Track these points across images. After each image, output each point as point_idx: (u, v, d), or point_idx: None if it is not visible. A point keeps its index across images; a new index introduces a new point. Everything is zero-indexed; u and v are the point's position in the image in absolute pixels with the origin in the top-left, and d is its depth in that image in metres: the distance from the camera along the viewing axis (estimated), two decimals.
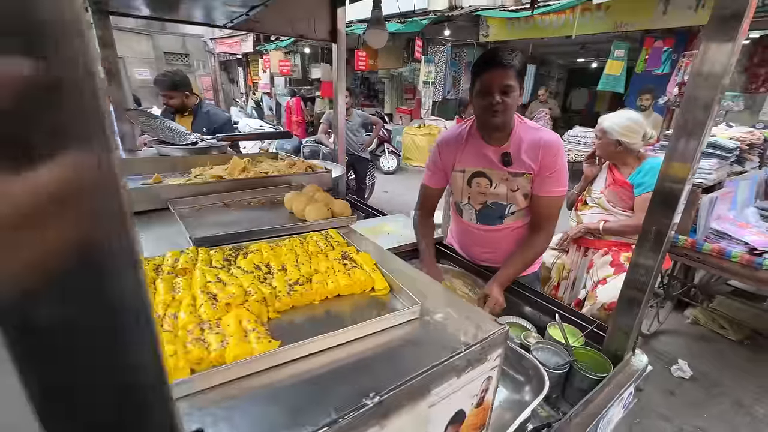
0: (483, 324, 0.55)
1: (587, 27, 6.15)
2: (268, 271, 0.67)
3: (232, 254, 0.73)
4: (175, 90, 2.66)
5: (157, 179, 1.19)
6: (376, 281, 0.65)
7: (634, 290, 1.09)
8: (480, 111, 1.30)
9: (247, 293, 0.57)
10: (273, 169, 1.34)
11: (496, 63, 1.21)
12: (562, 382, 1.15)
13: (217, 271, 0.64)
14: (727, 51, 0.81)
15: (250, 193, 1.17)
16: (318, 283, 0.63)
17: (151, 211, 1.06)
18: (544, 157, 1.32)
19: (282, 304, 0.59)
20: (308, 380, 0.45)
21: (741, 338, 2.94)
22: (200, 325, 0.51)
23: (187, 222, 0.86)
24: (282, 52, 10.55)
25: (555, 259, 2.37)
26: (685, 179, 0.93)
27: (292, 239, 0.80)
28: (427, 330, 0.55)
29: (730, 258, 2.19)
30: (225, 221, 1.01)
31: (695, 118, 0.89)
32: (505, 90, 1.22)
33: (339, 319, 0.58)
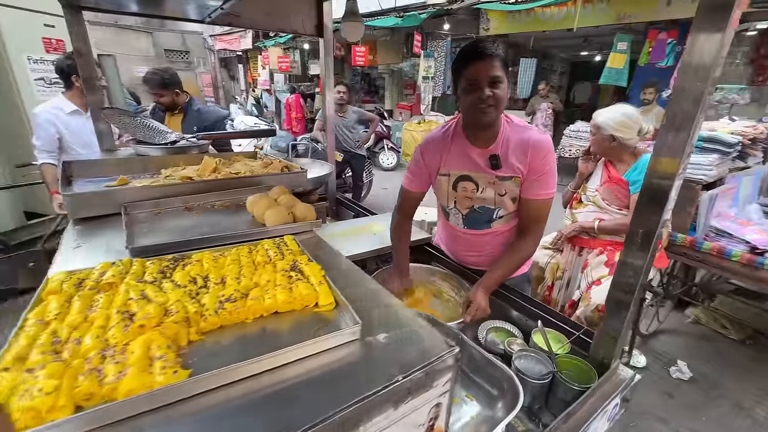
0: (432, 346, 0.50)
1: (589, 19, 6.02)
2: (203, 284, 0.61)
3: (170, 266, 0.67)
4: (165, 88, 2.63)
5: (122, 181, 1.14)
6: (321, 296, 0.60)
7: (622, 293, 1.02)
8: (468, 108, 1.21)
9: (167, 312, 0.52)
10: (246, 170, 1.28)
11: (480, 54, 1.12)
12: (546, 392, 1.10)
13: (145, 286, 0.59)
14: (716, 42, 0.75)
15: (217, 196, 1.11)
16: (253, 300, 0.57)
17: (106, 216, 1.01)
18: (533, 159, 1.24)
19: (208, 325, 0.53)
20: (214, 416, 0.40)
21: (743, 338, 2.87)
22: (103, 351, 0.46)
23: (136, 228, 0.81)
24: (281, 48, 10.48)
25: (549, 258, 2.31)
26: (674, 175, 0.86)
27: (241, 248, 0.74)
28: (367, 354, 0.50)
29: (730, 257, 2.11)
30: (180, 227, 0.95)
31: (684, 112, 0.82)
32: (494, 82, 1.13)
33: (271, 340, 0.52)
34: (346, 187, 5.58)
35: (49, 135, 2.41)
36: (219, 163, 1.30)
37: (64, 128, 2.44)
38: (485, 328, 1.34)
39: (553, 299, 2.32)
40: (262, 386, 0.44)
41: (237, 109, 11.64)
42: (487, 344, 1.28)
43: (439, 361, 0.47)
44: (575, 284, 2.26)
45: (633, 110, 1.96)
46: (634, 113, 1.94)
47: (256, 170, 1.31)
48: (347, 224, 1.90)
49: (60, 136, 2.44)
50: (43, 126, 2.40)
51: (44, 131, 2.40)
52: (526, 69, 7.89)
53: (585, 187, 2.28)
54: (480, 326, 1.35)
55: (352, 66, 9.93)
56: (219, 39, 13.41)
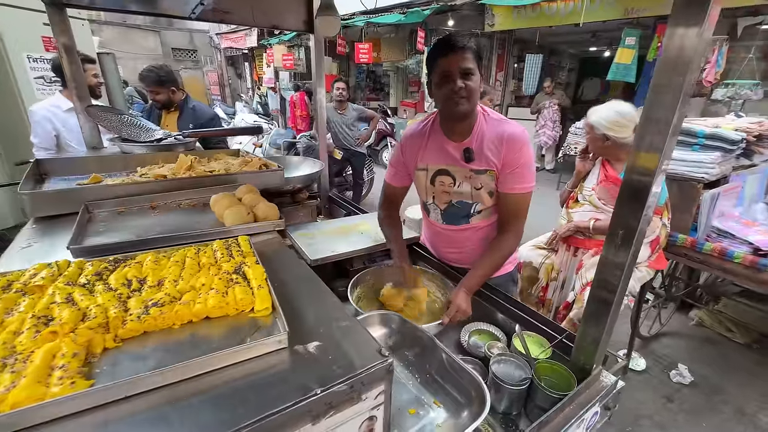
0: (363, 357, 0.47)
1: (596, 14, 5.89)
2: (138, 287, 0.59)
3: (109, 267, 0.65)
4: (161, 86, 2.61)
5: (94, 179, 1.12)
6: (258, 300, 0.57)
7: (604, 292, 0.97)
8: (442, 101, 1.21)
9: (85, 317, 0.50)
10: (222, 168, 1.26)
11: (451, 47, 1.13)
12: (524, 399, 1.06)
13: (74, 289, 0.56)
14: (693, 36, 0.71)
15: (186, 194, 1.09)
16: (182, 305, 0.55)
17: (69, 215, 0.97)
18: (507, 152, 1.23)
19: (127, 331, 0.51)
20: (110, 430, 0.38)
21: (748, 341, 2.79)
22: (5, 359, 0.44)
23: (91, 228, 0.79)
24: (285, 46, 10.49)
25: (543, 259, 2.25)
26: (653, 170, 0.82)
27: (188, 248, 0.72)
28: (292, 364, 0.47)
29: (732, 259, 2.04)
30: (138, 226, 0.92)
31: (662, 106, 0.78)
32: (465, 73, 1.14)
33: (194, 349, 0.50)
34: (347, 185, 5.56)
35: (46, 132, 2.43)
36: (195, 161, 1.28)
37: (61, 125, 2.46)
38: (468, 330, 1.31)
39: (547, 300, 2.27)
40: (170, 399, 0.41)
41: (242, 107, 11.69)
42: (470, 347, 1.25)
43: (367, 372, 0.44)
44: (570, 285, 2.21)
45: (628, 108, 1.89)
46: (628, 111, 1.87)
47: (233, 168, 1.28)
48: (336, 223, 1.87)
49: (57, 134, 2.46)
50: (40, 123, 2.42)
51: (42, 129, 2.43)
52: (532, 65, 7.76)
53: (582, 186, 2.22)
54: (463, 329, 1.31)
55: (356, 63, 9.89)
56: (225, 37, 13.49)
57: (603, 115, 1.88)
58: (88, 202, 0.96)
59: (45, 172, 1.21)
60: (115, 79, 3.65)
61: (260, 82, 12.89)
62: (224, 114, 10.06)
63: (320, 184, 2.39)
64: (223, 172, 1.23)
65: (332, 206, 2.42)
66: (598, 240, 2.07)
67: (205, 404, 0.41)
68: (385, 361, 0.46)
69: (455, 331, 1.32)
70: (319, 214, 2.28)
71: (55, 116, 2.44)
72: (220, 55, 14.67)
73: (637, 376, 2.54)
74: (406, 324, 1.05)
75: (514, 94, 9.09)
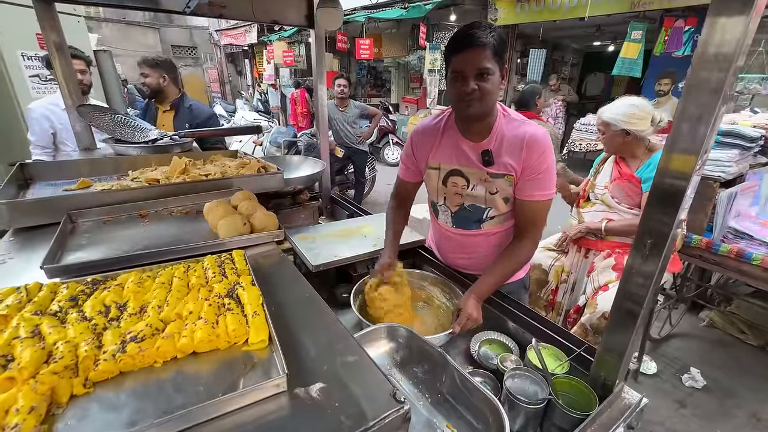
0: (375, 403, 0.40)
1: (601, 7, 5.79)
2: (116, 315, 0.52)
3: (86, 290, 0.58)
4: (152, 68, 2.47)
5: (84, 183, 1.05)
6: (253, 331, 0.50)
7: (629, 303, 0.90)
8: (454, 100, 1.13)
9: (50, 357, 0.43)
10: (218, 171, 1.19)
11: (468, 43, 1.02)
12: (540, 417, 1.00)
13: (42, 319, 0.49)
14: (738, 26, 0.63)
15: (179, 201, 1.02)
16: (165, 339, 0.47)
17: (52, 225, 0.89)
18: (528, 156, 1.14)
19: (100, 373, 0.44)
20: None
21: (762, 344, 2.72)
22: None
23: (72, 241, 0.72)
24: (285, 42, 10.38)
25: (553, 261, 2.18)
26: (689, 175, 0.74)
27: (176, 266, 0.65)
28: (291, 412, 0.40)
29: (750, 260, 1.96)
30: (125, 238, 0.85)
31: (701, 104, 0.71)
32: (480, 74, 1.04)
33: (181, 392, 0.43)
34: (348, 184, 5.49)
35: (43, 130, 2.38)
36: (189, 164, 1.21)
37: (58, 123, 2.40)
38: (478, 340, 1.24)
39: (557, 303, 2.21)
40: None
41: (243, 105, 11.60)
42: (480, 358, 1.19)
43: (380, 424, 0.38)
44: (581, 288, 2.14)
45: (641, 100, 1.82)
46: (642, 103, 1.80)
47: (229, 171, 1.21)
48: (338, 225, 1.80)
49: (54, 132, 2.41)
50: (38, 121, 2.37)
51: (39, 126, 2.38)
52: (536, 60, 7.65)
53: (593, 185, 2.15)
54: (473, 338, 1.25)
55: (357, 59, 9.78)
56: (225, 34, 13.39)
57: (619, 110, 1.81)
58: (71, 211, 0.88)
59: (30, 177, 1.13)
60: (113, 77, 3.57)
61: (261, 79, 12.80)
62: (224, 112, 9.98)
63: (322, 184, 2.32)
64: (219, 175, 1.16)
65: (334, 207, 2.35)
66: (610, 241, 2.00)
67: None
68: (401, 409, 0.39)
69: (464, 340, 1.26)
70: (321, 215, 2.22)
71: (53, 114, 2.39)
72: (220, 52, 14.57)
73: (647, 379, 2.47)
74: (414, 338, 0.98)
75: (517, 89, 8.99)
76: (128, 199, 0.97)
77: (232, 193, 1.05)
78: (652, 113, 1.78)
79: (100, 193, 0.96)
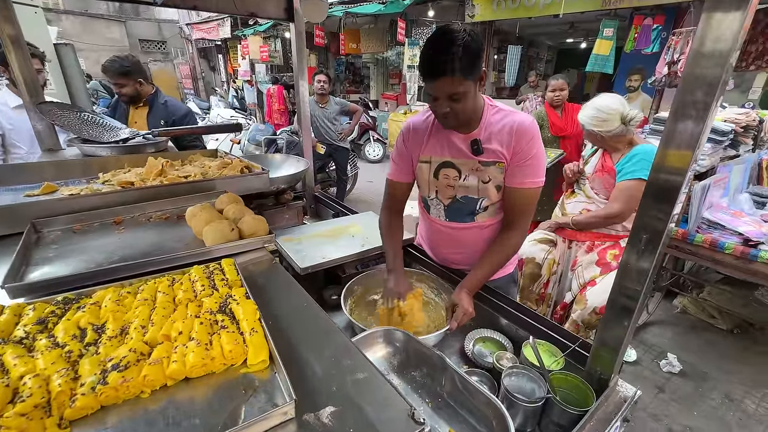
0: (391, 424, 0.37)
1: (575, 5, 5.92)
2: (95, 339, 0.46)
3: (56, 311, 0.51)
4: (126, 77, 2.35)
5: (48, 188, 0.96)
6: (251, 351, 0.45)
7: (625, 299, 0.90)
8: (434, 114, 1.18)
9: (16, 396, 0.37)
10: (198, 172, 1.12)
11: (436, 72, 1.02)
12: (539, 414, 0.99)
13: (5, 348, 0.42)
14: (735, 22, 0.63)
15: (157, 205, 0.94)
16: (152, 365, 0.42)
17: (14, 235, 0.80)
18: (517, 142, 1.16)
19: (78, 410, 0.37)
20: None
21: (731, 327, 2.86)
22: None
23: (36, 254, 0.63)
24: (261, 37, 10.10)
25: (546, 254, 2.21)
26: (685, 170, 0.75)
27: (159, 280, 0.59)
28: None
29: (723, 249, 2.05)
30: (99, 248, 0.77)
31: (697, 101, 0.70)
32: (453, 97, 1.05)
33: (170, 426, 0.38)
34: (330, 181, 5.41)
35: None
36: (166, 165, 1.12)
37: (7, 124, 2.22)
38: (472, 338, 1.23)
39: (547, 295, 2.24)
40: None
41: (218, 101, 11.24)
42: (474, 356, 1.18)
43: None
44: (566, 281, 2.18)
45: (608, 100, 1.89)
46: (606, 103, 1.87)
47: (210, 172, 1.14)
48: (325, 225, 1.76)
49: (2, 132, 2.23)
50: None
51: None
52: (512, 57, 7.78)
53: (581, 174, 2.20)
54: (466, 336, 1.24)
55: (336, 55, 9.65)
56: (196, 28, 12.89)
57: (586, 113, 1.95)
58: (35, 220, 0.79)
59: None
60: (76, 72, 3.35)
61: (235, 75, 12.42)
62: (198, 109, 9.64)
63: (305, 183, 2.26)
64: (200, 177, 1.08)
65: (318, 206, 2.30)
66: (589, 233, 2.05)
67: None
68: (422, 429, 0.36)
69: (458, 339, 1.25)
70: (305, 215, 2.16)
71: (1, 114, 2.21)
72: (191, 47, 14.04)
73: (628, 367, 2.56)
74: (411, 341, 0.96)
75: (495, 85, 9.11)
76: (100, 204, 0.88)
77: (215, 196, 0.99)
78: (620, 111, 1.84)
79: (68, 198, 0.87)
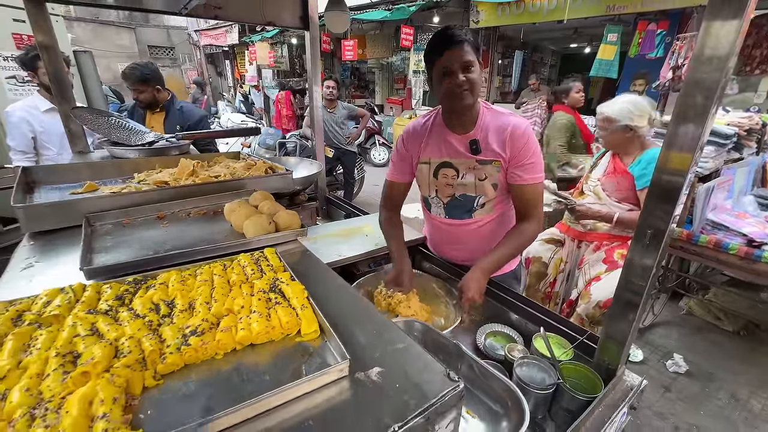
0: (432, 382, 0.43)
1: (579, 11, 5.99)
2: (167, 312, 0.53)
3: (129, 290, 0.59)
4: (145, 84, 2.46)
5: (90, 187, 1.04)
6: (304, 322, 0.52)
7: (630, 294, 0.96)
8: (445, 96, 1.21)
9: (118, 353, 0.44)
10: (227, 173, 1.19)
11: (450, 41, 1.12)
12: (549, 402, 1.05)
13: (97, 317, 0.50)
14: (732, 30, 0.69)
15: (193, 202, 1.02)
16: (224, 332, 0.49)
17: (68, 228, 0.90)
18: (514, 144, 1.23)
19: (168, 366, 0.45)
20: None
21: (737, 329, 2.88)
22: (34, 410, 0.38)
23: (97, 244, 0.71)
24: (268, 43, 10.26)
25: (552, 253, 2.26)
26: (686, 171, 0.80)
27: (214, 265, 0.66)
28: (357, 395, 0.43)
29: (727, 250, 2.09)
30: (149, 240, 0.86)
31: (697, 105, 0.76)
32: (466, 66, 1.13)
33: (245, 383, 0.45)
34: (337, 185, 5.48)
35: (23, 135, 2.30)
36: (197, 166, 1.20)
37: (39, 127, 2.32)
38: (483, 332, 1.29)
39: (554, 293, 2.28)
40: None
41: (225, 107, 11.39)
42: (486, 350, 1.23)
43: (441, 401, 0.41)
44: (573, 279, 2.22)
45: (639, 99, 1.93)
46: (642, 101, 1.90)
47: (238, 173, 1.21)
48: (338, 225, 1.82)
49: (35, 135, 2.33)
50: (16, 125, 2.29)
51: (18, 131, 2.29)
52: (516, 62, 7.86)
53: (588, 177, 2.24)
54: (478, 330, 1.29)
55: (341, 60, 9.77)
56: (204, 34, 13.11)
57: (623, 107, 1.91)
58: (89, 214, 0.88)
59: (32, 181, 1.10)
60: (93, 78, 3.47)
61: (242, 80, 12.59)
62: None
63: (318, 185, 2.33)
64: (230, 177, 1.16)
65: (330, 207, 2.37)
66: (599, 234, 2.09)
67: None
68: (457, 387, 0.43)
69: (470, 333, 1.30)
70: (318, 216, 2.23)
71: (32, 117, 2.31)
72: (199, 53, 14.25)
73: (634, 366, 2.58)
74: (430, 331, 1.02)
75: (500, 90, 9.18)
76: (141, 201, 0.97)
77: (244, 194, 1.06)
78: (650, 112, 1.88)
79: (112, 196, 0.96)
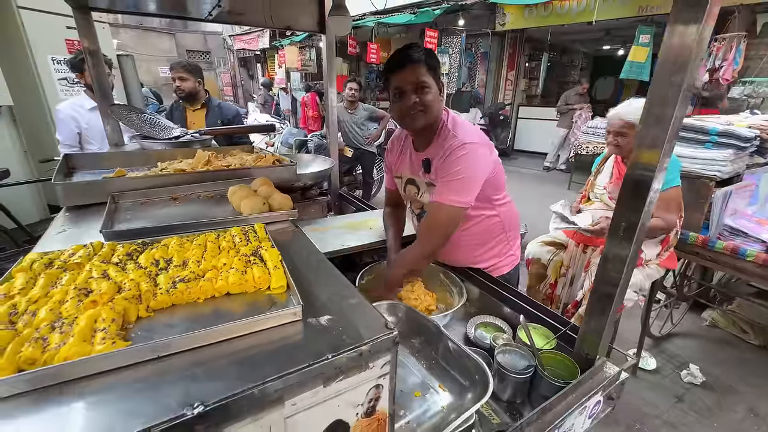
0: (371, 329, 0.51)
1: (609, 12, 5.84)
2: (165, 266, 0.65)
3: (138, 249, 0.72)
4: (189, 72, 2.63)
5: (119, 173, 1.20)
6: (274, 279, 0.62)
7: (605, 286, 1.00)
8: (398, 116, 1.21)
9: (121, 290, 0.56)
10: (237, 163, 1.33)
11: (403, 62, 1.12)
12: (528, 387, 1.09)
13: (109, 266, 0.63)
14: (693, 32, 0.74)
15: (204, 187, 1.16)
16: (206, 281, 0.60)
17: (97, 205, 1.06)
18: (443, 162, 1.17)
19: (158, 302, 0.57)
20: (145, 383, 0.43)
21: (763, 343, 2.74)
22: (54, 323, 0.50)
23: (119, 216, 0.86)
24: (297, 47, 10.60)
25: (552, 255, 2.26)
26: (654, 167, 0.85)
27: (208, 234, 0.78)
28: (306, 334, 0.52)
29: (744, 257, 2.01)
30: (161, 215, 1.00)
31: (662, 103, 0.81)
32: (420, 87, 1.13)
33: (217, 319, 0.55)
34: (357, 184, 5.61)
35: (70, 130, 2.55)
36: (212, 156, 1.35)
37: (84, 123, 2.57)
38: (474, 323, 1.34)
39: (556, 296, 2.28)
40: (196, 360, 0.47)
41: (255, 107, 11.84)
42: (476, 339, 1.28)
43: (374, 342, 0.48)
44: (579, 282, 2.21)
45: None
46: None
47: (248, 163, 1.35)
48: (345, 218, 1.92)
49: (80, 131, 2.57)
50: (65, 122, 2.54)
51: (66, 126, 2.54)
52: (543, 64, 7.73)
53: (593, 184, 2.23)
54: (469, 321, 1.35)
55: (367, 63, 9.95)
56: (238, 39, 13.69)
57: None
58: (114, 193, 1.04)
59: (73, 167, 1.29)
60: (134, 80, 3.78)
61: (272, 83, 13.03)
62: None
63: (331, 182, 2.44)
64: (239, 166, 1.30)
65: (342, 203, 2.47)
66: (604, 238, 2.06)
67: (228, 365, 0.46)
68: (390, 333, 0.50)
69: (462, 324, 1.35)
70: (329, 211, 2.33)
71: (79, 115, 2.56)
72: (232, 57, 14.90)
73: (647, 375, 2.52)
74: (412, 312, 1.09)
75: (525, 93, 9.04)
76: (162, 184, 1.12)
77: (249, 181, 1.18)
78: None
79: (138, 178, 1.11)
